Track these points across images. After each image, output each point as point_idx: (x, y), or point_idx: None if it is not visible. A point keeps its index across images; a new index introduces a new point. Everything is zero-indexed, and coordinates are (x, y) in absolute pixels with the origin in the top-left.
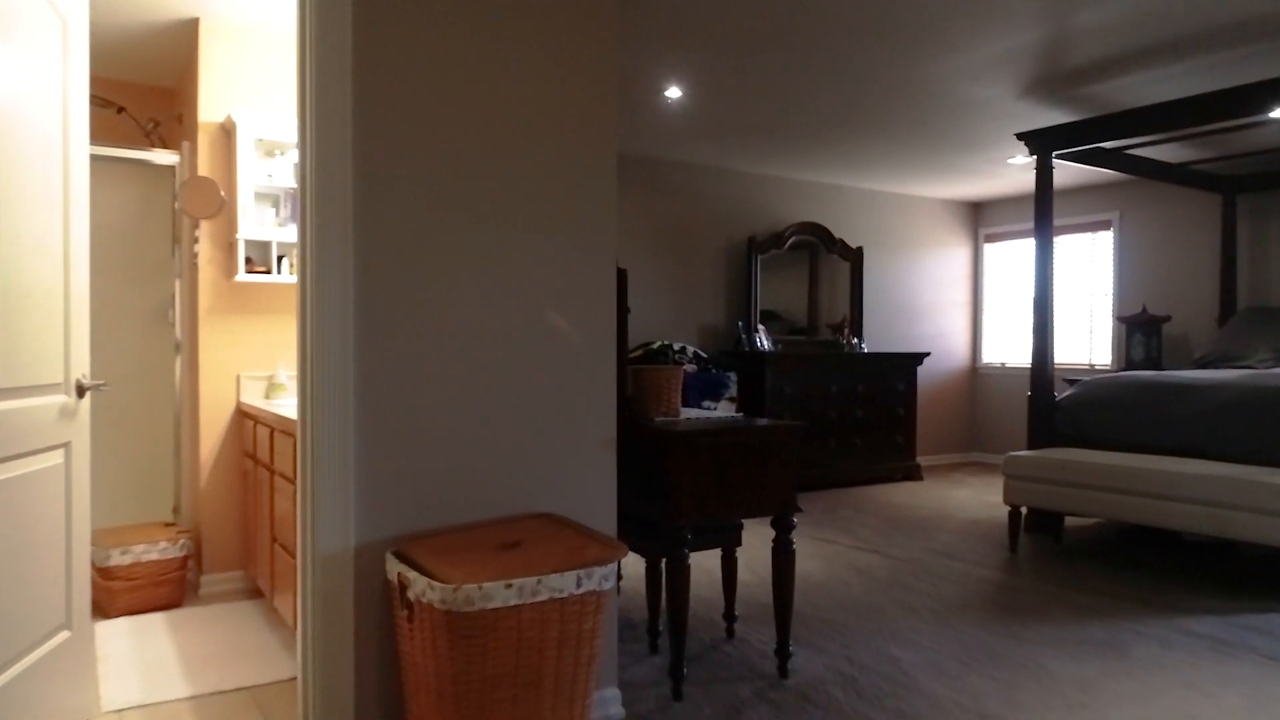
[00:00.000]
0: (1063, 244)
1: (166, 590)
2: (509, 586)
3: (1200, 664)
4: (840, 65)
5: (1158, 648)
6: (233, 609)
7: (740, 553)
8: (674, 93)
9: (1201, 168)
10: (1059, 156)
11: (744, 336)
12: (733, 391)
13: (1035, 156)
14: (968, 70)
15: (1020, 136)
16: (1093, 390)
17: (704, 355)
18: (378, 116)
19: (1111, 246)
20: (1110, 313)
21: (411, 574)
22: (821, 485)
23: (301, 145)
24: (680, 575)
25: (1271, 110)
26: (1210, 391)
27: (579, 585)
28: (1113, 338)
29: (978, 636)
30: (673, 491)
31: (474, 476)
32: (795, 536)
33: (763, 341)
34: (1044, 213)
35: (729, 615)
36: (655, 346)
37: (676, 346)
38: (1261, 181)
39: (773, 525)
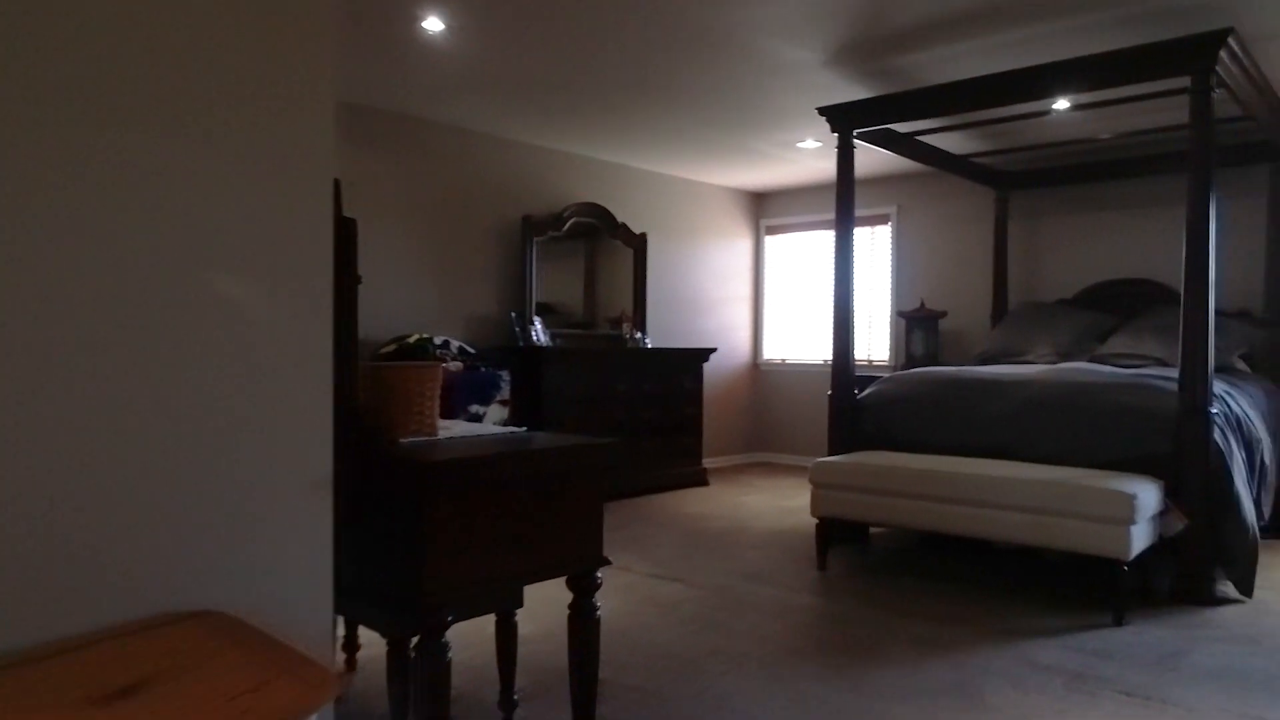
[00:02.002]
0: None
1: None
2: None
3: (1064, 708)
4: (633, 4)
5: (1011, 689)
6: None
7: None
8: (434, 25)
9: (982, 160)
10: (858, 137)
11: (519, 329)
12: (506, 393)
13: (836, 134)
14: (778, 23)
15: (822, 111)
16: (897, 388)
17: (472, 351)
18: None
19: (890, 241)
20: (888, 308)
21: None
22: (608, 496)
23: None
24: (437, 670)
25: (1057, 97)
26: (1016, 388)
27: None
28: (891, 333)
29: (814, 691)
30: (427, 551)
31: (64, 557)
32: None
33: (540, 335)
34: (845, 196)
35: (507, 700)
36: (412, 341)
37: (439, 341)
38: (1034, 179)
39: (570, 586)
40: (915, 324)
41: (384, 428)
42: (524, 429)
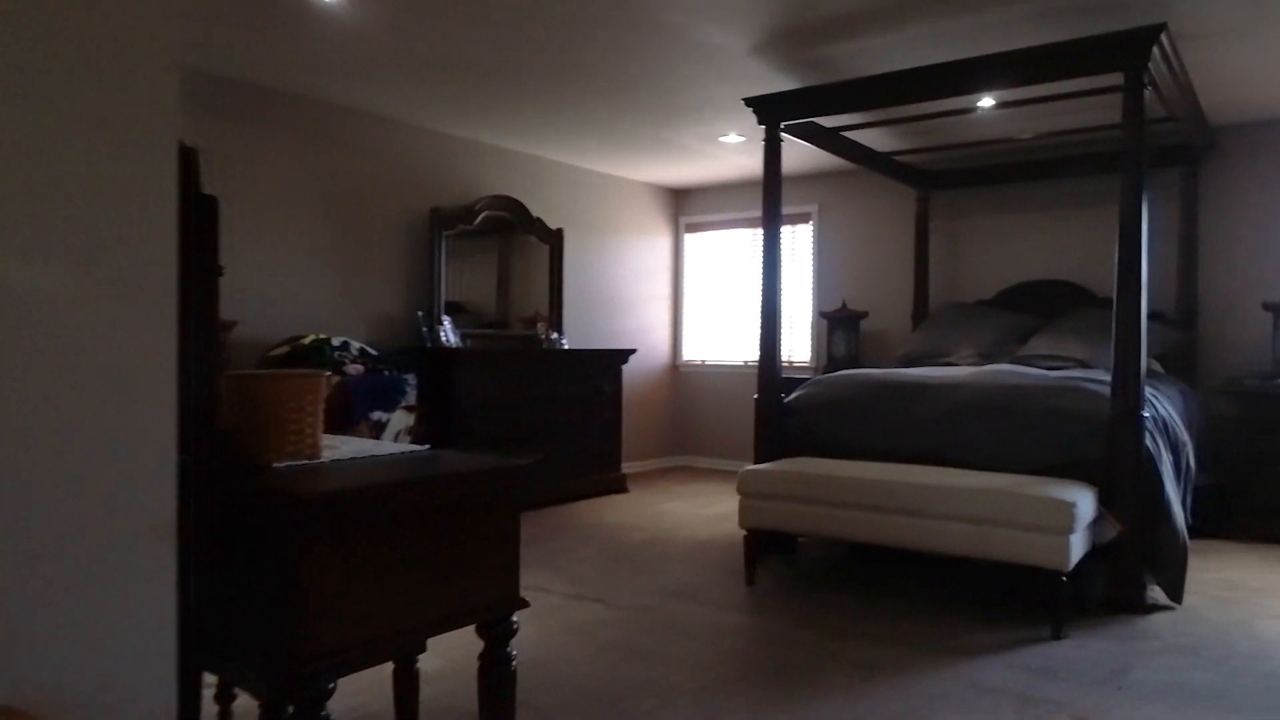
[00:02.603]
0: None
1: None
2: None
3: None
4: None
5: (960, 717)
6: None
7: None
8: None
9: (905, 159)
10: (784, 131)
11: (426, 330)
12: (412, 398)
13: (763, 127)
14: (705, 3)
15: (749, 102)
16: (825, 391)
17: (374, 353)
18: None
19: (811, 240)
20: (809, 308)
21: None
22: (523, 505)
23: None
24: None
25: (989, 92)
26: (946, 391)
27: None
28: (812, 334)
29: None
30: (301, 606)
31: None
32: None
33: (449, 336)
34: (772, 192)
35: None
36: (308, 341)
37: (337, 342)
38: (955, 179)
39: (481, 634)
40: (837, 325)
41: (254, 451)
42: (427, 447)
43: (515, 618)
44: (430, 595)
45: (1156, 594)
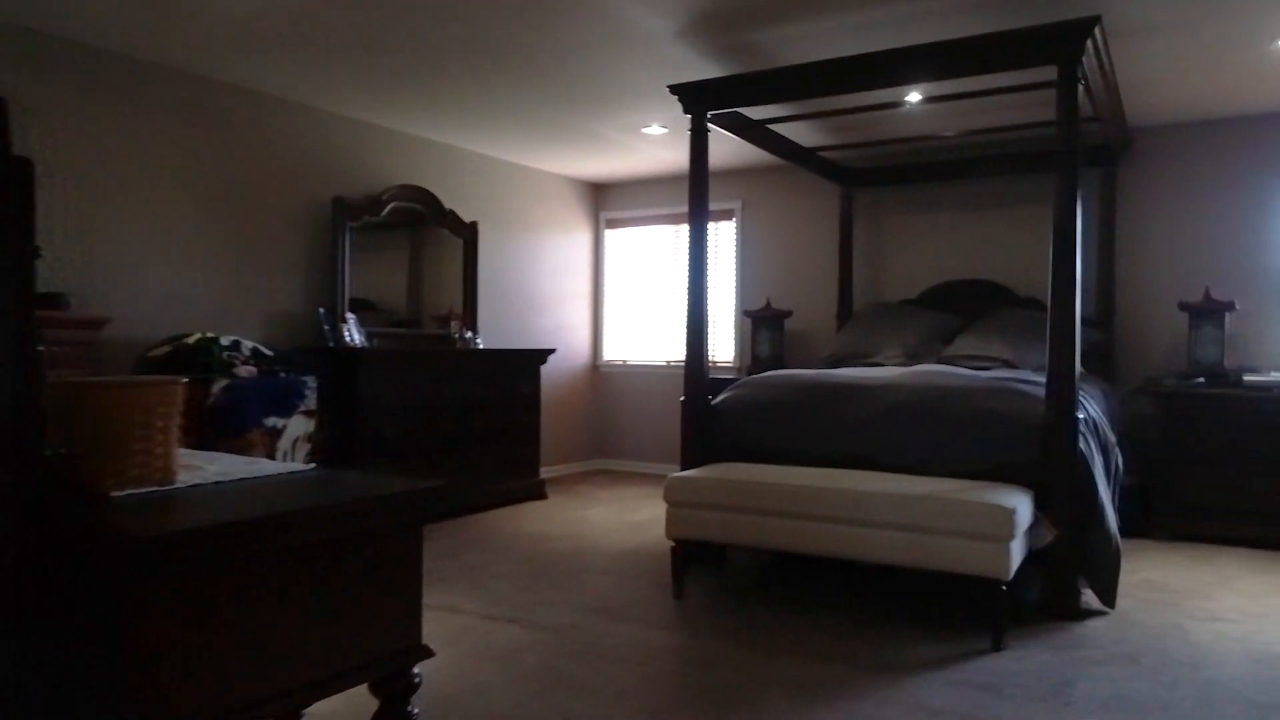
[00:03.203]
0: (684, 234)
1: None
2: None
3: None
4: None
5: None
6: None
7: None
8: None
9: (830, 155)
10: (711, 121)
11: (329, 328)
12: (311, 402)
13: (689, 116)
14: None
15: (675, 89)
16: (754, 393)
17: (270, 353)
18: None
19: (734, 237)
20: (733, 307)
21: None
22: (434, 516)
23: None
24: None
25: (919, 83)
26: (878, 393)
27: None
28: (736, 333)
29: None
30: (136, 672)
31: None
32: None
33: (354, 335)
34: (699, 184)
35: None
36: (192, 341)
37: (226, 341)
38: (878, 176)
39: (376, 691)
40: (761, 324)
41: (87, 476)
42: (312, 466)
43: (420, 678)
44: (310, 651)
45: (1089, 598)
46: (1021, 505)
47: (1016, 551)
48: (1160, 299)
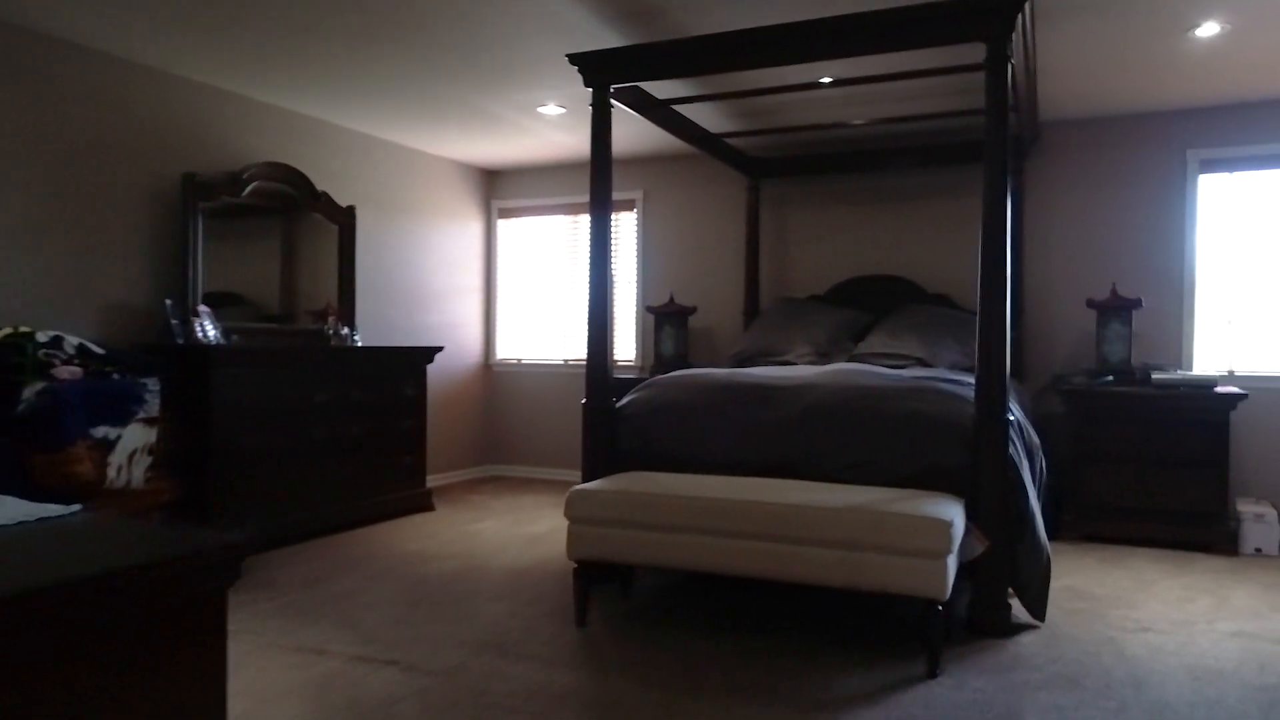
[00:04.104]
0: (585, 224)
1: None
2: None
3: None
4: None
5: None
6: None
7: None
8: None
9: (736, 143)
10: (614, 98)
11: (177, 323)
12: (153, 408)
13: (590, 90)
14: None
15: (575, 59)
16: (661, 394)
17: (100, 352)
18: None
19: (635, 229)
20: (634, 303)
21: None
22: (303, 535)
23: None
24: None
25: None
26: (796, 394)
27: None
28: (637, 330)
29: None
30: None
31: None
32: (253, 649)
33: (208, 331)
34: (601, 166)
35: None
36: (1, 337)
37: (44, 338)
38: (785, 167)
39: None
40: (664, 321)
41: None
42: (74, 509)
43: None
44: None
45: (1016, 610)
46: (956, 517)
47: (952, 568)
48: (1067, 296)
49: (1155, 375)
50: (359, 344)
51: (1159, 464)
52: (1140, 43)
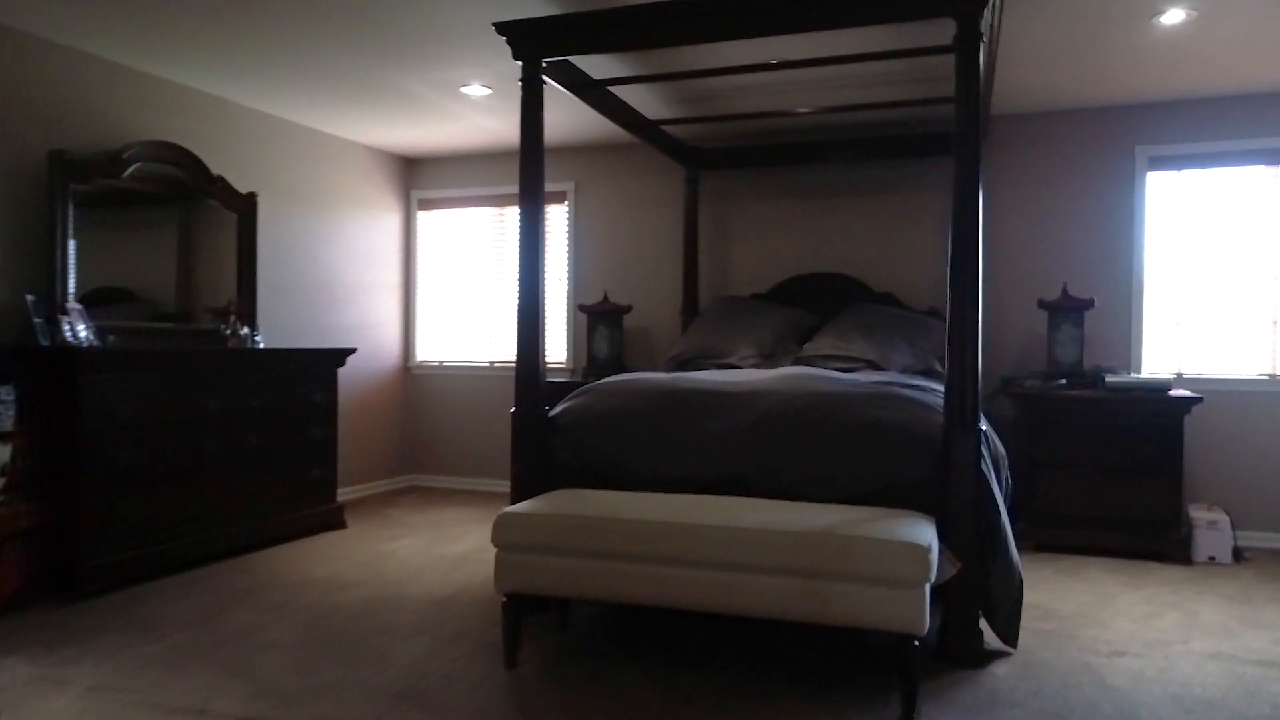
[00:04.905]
0: (512, 217)
1: None
2: None
3: None
4: None
5: None
6: None
7: None
8: None
9: (675, 130)
10: (547, 74)
11: (42, 322)
12: (6, 420)
13: (520, 64)
14: None
15: (502, 28)
16: (599, 401)
17: None
18: None
19: (566, 223)
20: (564, 301)
21: None
22: (194, 561)
23: None
24: None
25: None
26: (749, 400)
27: None
28: (568, 330)
29: None
30: None
31: None
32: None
33: (78, 330)
34: (532, 149)
35: None
36: None
37: None
38: (726, 158)
39: None
40: (598, 320)
41: None
42: None
43: None
44: None
45: (988, 636)
46: (933, 539)
47: (929, 597)
48: (1014, 296)
49: (1109, 378)
50: (261, 345)
51: (1112, 470)
52: (1104, 29)
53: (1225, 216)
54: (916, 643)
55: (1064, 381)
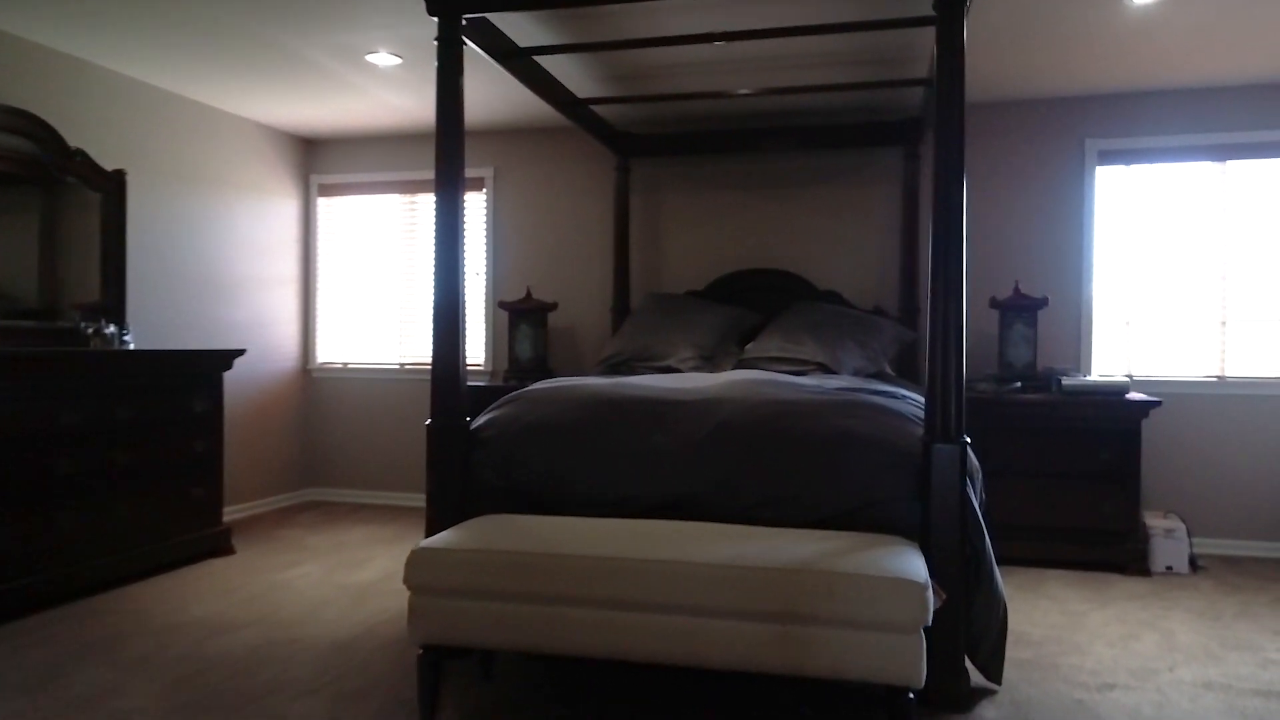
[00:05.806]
0: (424, 204)
1: None
2: None
3: None
4: None
5: None
6: None
7: None
8: None
9: (605, 112)
10: (466, 35)
11: None
12: None
13: (436, 20)
14: None
15: None
16: (528, 411)
17: None
18: None
19: (485, 212)
20: (483, 297)
21: None
22: (38, 604)
23: None
24: None
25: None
26: (701, 410)
27: None
28: (487, 329)
29: None
30: None
31: None
32: None
33: None
34: (450, 122)
35: None
36: None
37: None
38: (659, 145)
39: None
40: (520, 318)
41: None
42: None
43: None
44: None
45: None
46: (924, 572)
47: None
48: (969, 294)
49: (1065, 381)
50: (131, 346)
51: (1068, 477)
52: (1073, 8)
53: (1174, 213)
54: (911, 695)
55: (1019, 385)
